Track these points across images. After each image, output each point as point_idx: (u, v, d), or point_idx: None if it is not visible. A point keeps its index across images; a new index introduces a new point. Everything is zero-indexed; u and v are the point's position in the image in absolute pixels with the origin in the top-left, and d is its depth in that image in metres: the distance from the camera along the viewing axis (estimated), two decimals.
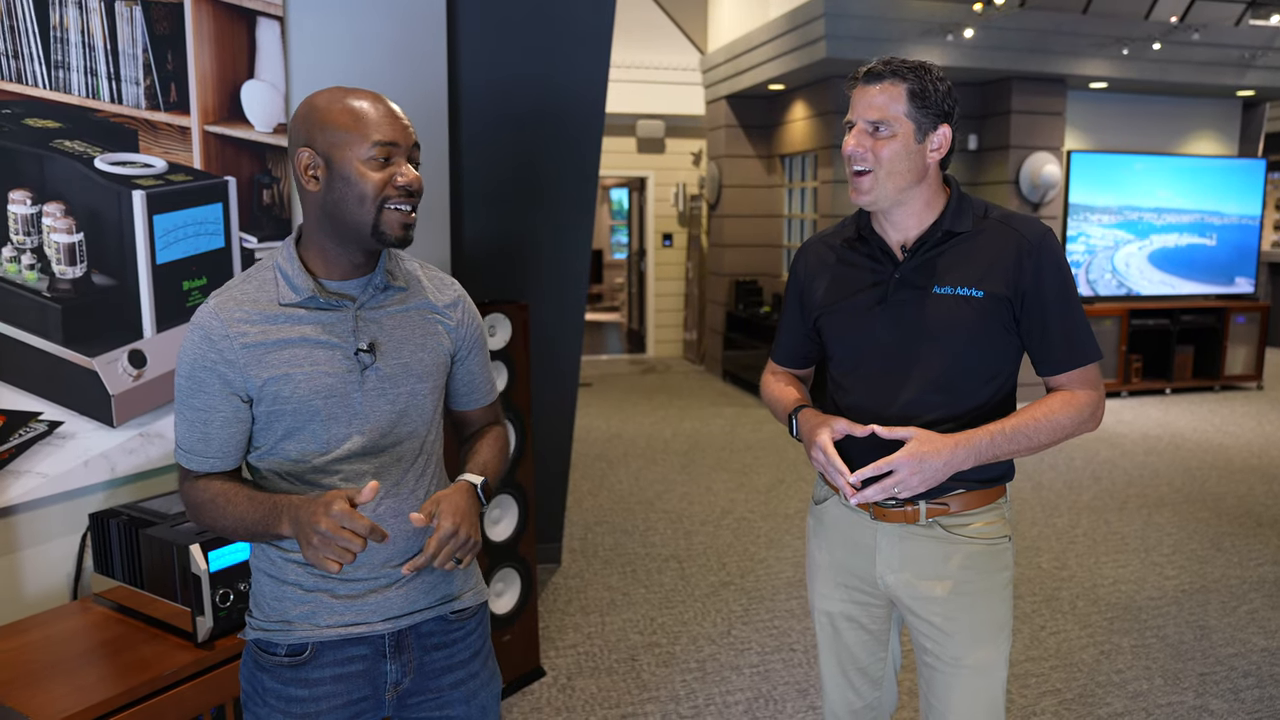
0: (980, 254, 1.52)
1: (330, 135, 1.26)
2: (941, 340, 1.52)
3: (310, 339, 1.29)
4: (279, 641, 1.33)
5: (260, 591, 1.37)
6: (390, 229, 1.28)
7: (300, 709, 1.33)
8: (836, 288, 1.63)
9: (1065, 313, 1.51)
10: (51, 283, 2.09)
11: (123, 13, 2.19)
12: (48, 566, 2.14)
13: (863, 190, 1.52)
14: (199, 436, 1.30)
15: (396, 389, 1.35)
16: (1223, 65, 7.33)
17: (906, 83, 1.48)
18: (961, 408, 1.53)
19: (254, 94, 2.51)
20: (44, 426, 2.10)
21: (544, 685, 2.87)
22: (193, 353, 1.28)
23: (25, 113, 2.02)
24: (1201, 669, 2.98)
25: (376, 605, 1.35)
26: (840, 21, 6.32)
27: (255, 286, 1.31)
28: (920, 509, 1.55)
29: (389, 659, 1.37)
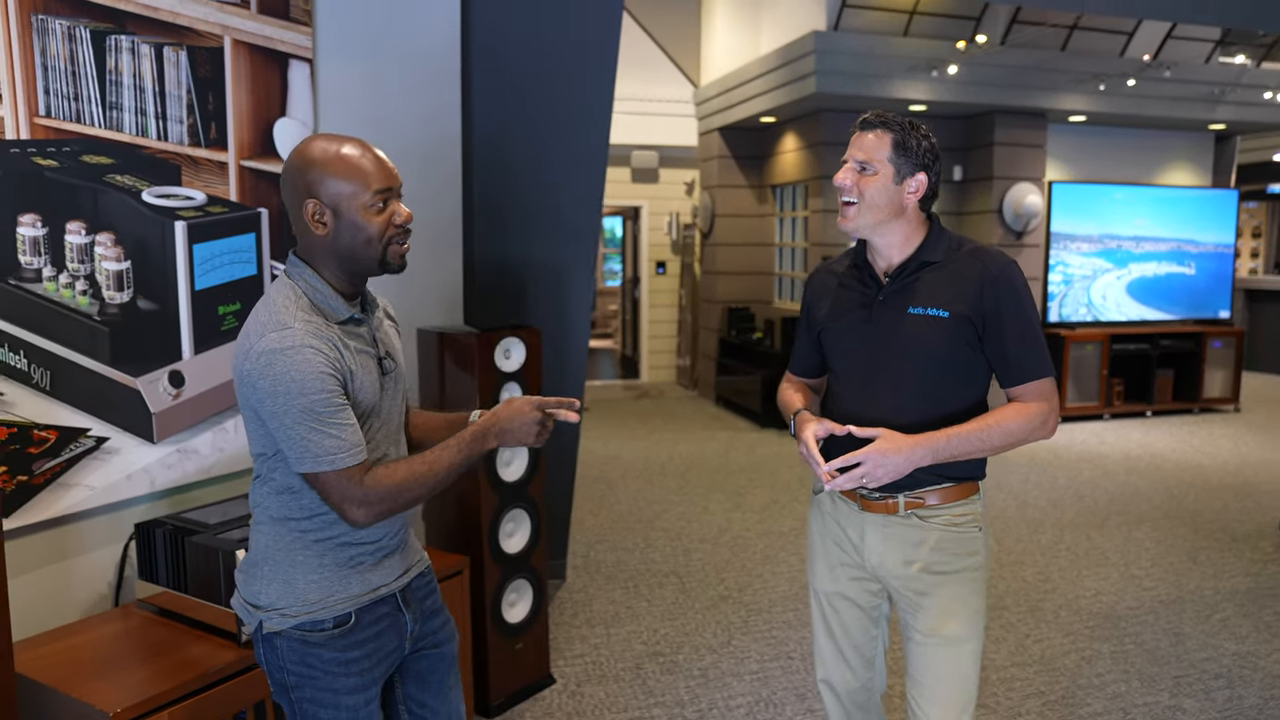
0: (950, 281, 1.76)
1: (334, 187, 1.46)
2: (914, 354, 1.76)
3: (360, 350, 1.53)
4: (324, 617, 1.52)
5: (290, 582, 1.52)
6: (394, 260, 1.53)
7: (358, 667, 1.55)
8: (835, 307, 1.89)
9: (1021, 335, 1.73)
10: (101, 307, 2.24)
11: (170, 57, 2.36)
12: (93, 574, 2.27)
13: (847, 217, 1.79)
14: (353, 429, 1.45)
15: (400, 386, 1.64)
16: (1194, 100, 7.62)
17: (893, 133, 1.75)
18: (933, 414, 1.74)
19: (285, 131, 2.69)
20: (92, 442, 2.25)
21: (554, 692, 3.00)
22: (315, 369, 1.40)
23: (83, 150, 2.19)
24: (1176, 672, 3.14)
25: (389, 568, 1.61)
26: (830, 58, 6.57)
27: (306, 311, 1.46)
28: (899, 501, 1.78)
29: (405, 611, 1.63)
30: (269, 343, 1.40)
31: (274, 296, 1.48)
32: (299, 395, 1.39)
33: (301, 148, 1.49)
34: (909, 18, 6.88)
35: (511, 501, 2.87)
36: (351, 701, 1.54)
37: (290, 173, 1.49)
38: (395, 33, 3.02)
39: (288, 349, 1.39)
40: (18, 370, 2.09)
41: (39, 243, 2.11)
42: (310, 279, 1.50)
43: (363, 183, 1.46)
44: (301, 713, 1.55)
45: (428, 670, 1.71)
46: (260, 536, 1.56)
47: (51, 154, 2.13)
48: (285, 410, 1.40)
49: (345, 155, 1.46)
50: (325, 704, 1.54)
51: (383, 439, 1.58)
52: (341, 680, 1.53)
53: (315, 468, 1.42)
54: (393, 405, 1.61)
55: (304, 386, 1.39)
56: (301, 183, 1.47)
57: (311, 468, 1.43)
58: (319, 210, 1.46)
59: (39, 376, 2.13)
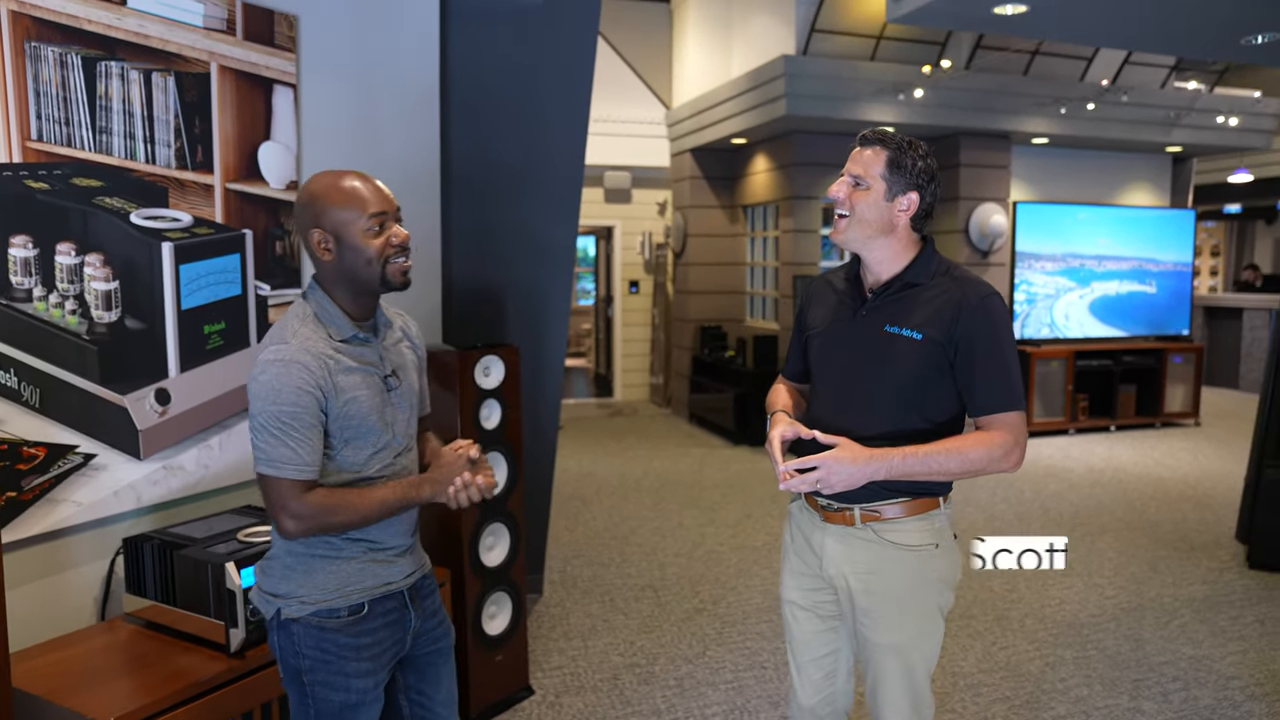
0: (929, 304, 1.79)
1: (334, 215, 1.62)
2: (885, 371, 1.80)
3: (361, 368, 1.66)
4: (340, 605, 1.66)
5: (309, 572, 1.67)
6: (394, 277, 1.66)
7: (369, 653, 1.69)
8: (824, 316, 1.95)
9: (992, 365, 1.75)
10: (90, 326, 2.29)
11: (158, 83, 2.43)
12: (80, 588, 2.31)
13: (838, 229, 1.85)
14: (309, 449, 1.58)
15: (407, 402, 1.76)
16: (1151, 124, 7.88)
17: (888, 151, 1.80)
18: (899, 430, 1.78)
19: (270, 154, 2.75)
20: (80, 458, 2.29)
21: (533, 703, 3.05)
22: (295, 383, 1.55)
23: (73, 173, 2.24)
24: (1136, 676, 3.26)
25: (400, 567, 1.75)
26: (799, 81, 6.73)
27: (311, 330, 1.63)
28: (855, 513, 1.82)
29: (410, 608, 1.76)
30: (268, 354, 1.58)
31: (287, 315, 1.66)
32: (272, 403, 1.55)
33: (307, 184, 1.66)
34: (876, 42, 7.07)
35: (491, 516, 2.93)
36: (360, 685, 1.67)
37: (298, 208, 1.66)
38: (376, 59, 3.09)
39: (278, 361, 1.56)
40: (8, 388, 2.13)
41: (30, 263, 2.15)
42: (321, 300, 1.66)
43: (360, 209, 1.61)
44: (313, 695, 1.65)
45: (426, 663, 1.83)
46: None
47: (43, 177, 2.18)
48: (259, 413, 1.57)
49: (343, 186, 1.63)
50: (336, 686, 1.65)
51: (386, 448, 1.70)
52: (353, 664, 1.66)
53: (264, 470, 1.57)
54: (398, 417, 1.73)
55: (279, 396, 1.55)
56: (308, 215, 1.64)
57: (262, 469, 1.58)
58: (324, 238, 1.63)
59: (29, 394, 2.17)
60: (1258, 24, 4.38)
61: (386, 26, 3.13)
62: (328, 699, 1.65)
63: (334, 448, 1.64)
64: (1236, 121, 8.11)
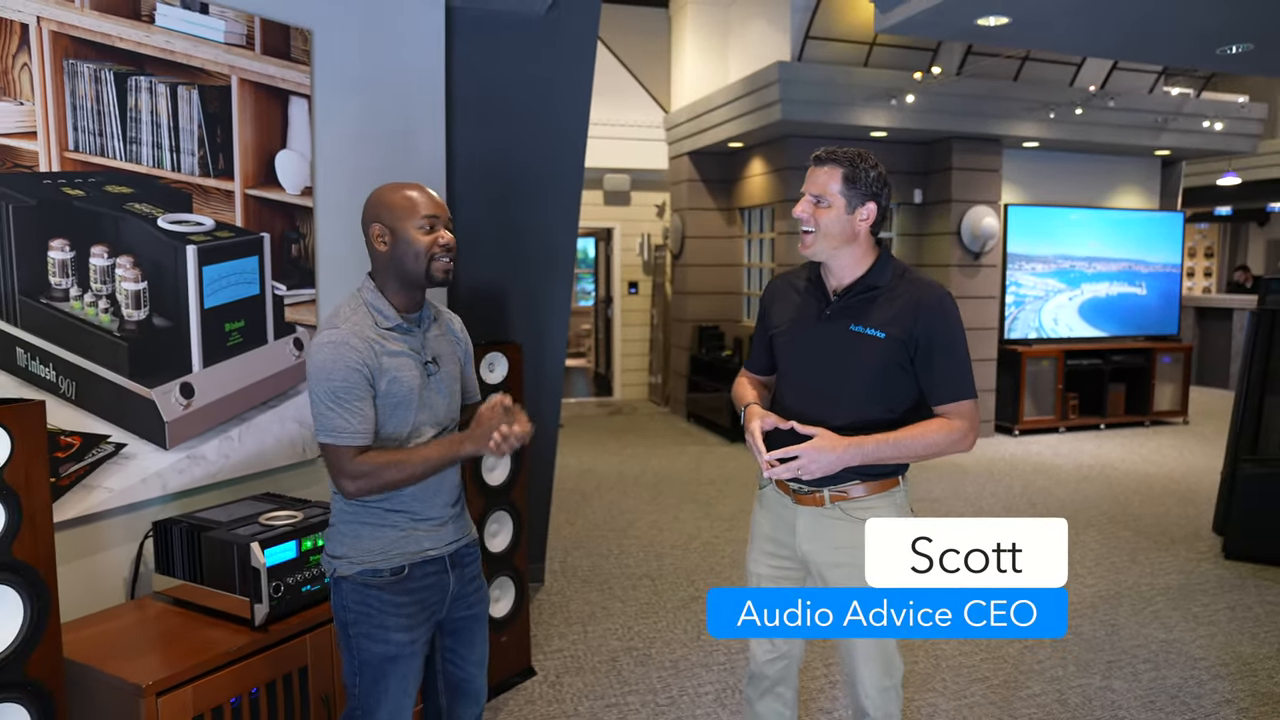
0: (889, 305, 1.98)
1: (393, 213, 1.87)
2: (850, 367, 1.99)
3: (404, 353, 1.87)
4: (383, 567, 1.86)
5: (358, 536, 1.88)
6: (437, 273, 1.88)
7: (406, 611, 1.87)
8: (787, 316, 2.11)
9: (948, 360, 1.96)
10: (121, 324, 2.45)
11: (183, 95, 2.59)
12: (110, 569, 2.46)
13: (806, 245, 2.02)
14: (360, 418, 1.78)
15: (446, 387, 1.96)
16: (1139, 128, 8.04)
17: (842, 168, 1.96)
18: (864, 420, 1.96)
19: (286, 162, 2.91)
20: (111, 447, 2.45)
21: (535, 683, 3.21)
22: (345, 362, 1.77)
23: (105, 181, 2.40)
24: (1109, 658, 3.42)
25: (442, 535, 1.94)
26: (794, 87, 6.89)
27: (361, 318, 1.85)
28: (825, 495, 2.01)
29: (449, 573, 1.95)
30: (322, 338, 1.80)
31: (340, 304, 1.88)
32: (326, 379, 1.77)
33: (374, 192, 1.91)
34: (869, 49, 7.23)
35: (495, 504, 3.09)
36: (399, 639, 1.86)
37: (365, 208, 1.90)
38: (385, 70, 3.25)
39: (330, 343, 1.78)
40: (47, 381, 2.29)
41: (67, 265, 2.31)
42: (373, 292, 1.88)
43: (413, 209, 1.86)
44: (356, 646, 1.85)
45: (461, 626, 2.02)
46: (339, 502, 1.90)
47: (79, 184, 2.34)
48: (315, 389, 1.78)
49: (404, 191, 1.88)
50: (377, 639, 1.85)
51: (425, 422, 1.91)
52: (392, 619, 1.86)
53: (323, 439, 1.79)
54: (437, 400, 1.93)
55: (332, 373, 1.76)
56: (371, 213, 1.89)
57: (321, 439, 1.79)
58: (382, 231, 1.86)
59: (65, 387, 2.33)
60: (1231, 35, 4.54)
61: (395, 39, 3.29)
62: (369, 650, 1.85)
63: (379, 421, 1.83)
64: (1222, 126, 8.27)
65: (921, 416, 2.02)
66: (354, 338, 1.79)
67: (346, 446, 1.77)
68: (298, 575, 2.29)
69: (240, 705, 2.10)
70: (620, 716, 2.98)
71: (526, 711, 3.01)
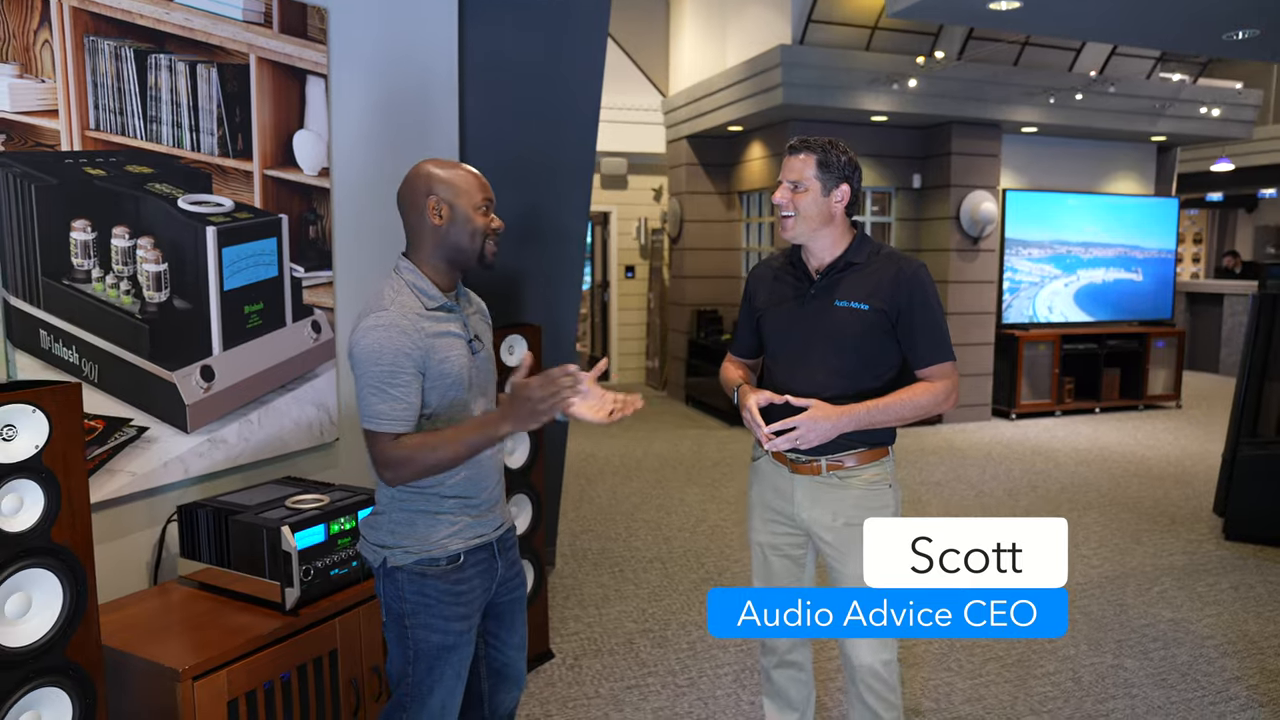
0: (870, 279, 2.11)
1: (453, 189, 1.84)
2: (837, 339, 2.10)
3: (450, 333, 1.84)
4: (439, 555, 1.83)
5: (411, 525, 1.83)
6: (488, 255, 1.89)
7: (464, 599, 1.86)
8: (772, 297, 2.24)
9: (927, 326, 2.09)
10: (142, 306, 2.42)
11: (202, 74, 2.55)
12: (133, 554, 2.45)
13: (787, 228, 2.14)
14: (404, 406, 1.75)
15: (488, 366, 1.96)
16: (1136, 114, 8.06)
17: (815, 154, 2.09)
18: (852, 389, 2.08)
19: (304, 142, 2.88)
20: (134, 431, 2.43)
21: (554, 665, 3.22)
22: (393, 346, 1.73)
23: (127, 160, 2.37)
24: (1119, 637, 3.46)
25: (491, 520, 1.92)
26: (796, 70, 6.87)
27: (407, 297, 1.81)
28: (822, 464, 2.13)
29: (498, 558, 1.94)
30: (369, 321, 1.74)
31: (382, 288, 1.82)
32: (374, 364, 1.72)
33: (420, 165, 1.86)
34: (871, 33, 7.21)
35: (516, 487, 3.09)
36: (456, 628, 1.85)
37: (411, 181, 1.84)
38: (400, 50, 3.22)
39: (378, 326, 1.73)
40: (70, 364, 2.27)
41: (89, 246, 2.28)
42: (413, 273, 1.84)
43: (475, 188, 1.84)
44: (414, 638, 1.82)
45: (504, 610, 2.01)
46: (385, 490, 1.85)
47: (100, 164, 2.31)
48: (362, 373, 1.74)
49: (461, 168, 1.86)
50: (435, 629, 1.82)
51: (477, 408, 1.89)
52: (451, 609, 1.83)
53: (366, 425, 1.75)
54: (483, 378, 1.92)
55: (379, 357, 1.72)
56: (424, 185, 1.83)
57: (364, 423, 1.75)
58: (439, 204, 1.82)
59: (88, 369, 2.31)
60: (1239, 20, 4.55)
61: (409, 19, 3.25)
62: (427, 640, 1.82)
63: (429, 404, 1.80)
64: (1219, 112, 8.31)
65: (905, 384, 2.14)
66: (402, 319, 1.74)
67: (386, 433, 1.74)
68: (327, 559, 2.28)
69: (273, 689, 2.10)
70: (641, 698, 3.00)
71: (547, 694, 3.02)
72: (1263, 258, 13.69)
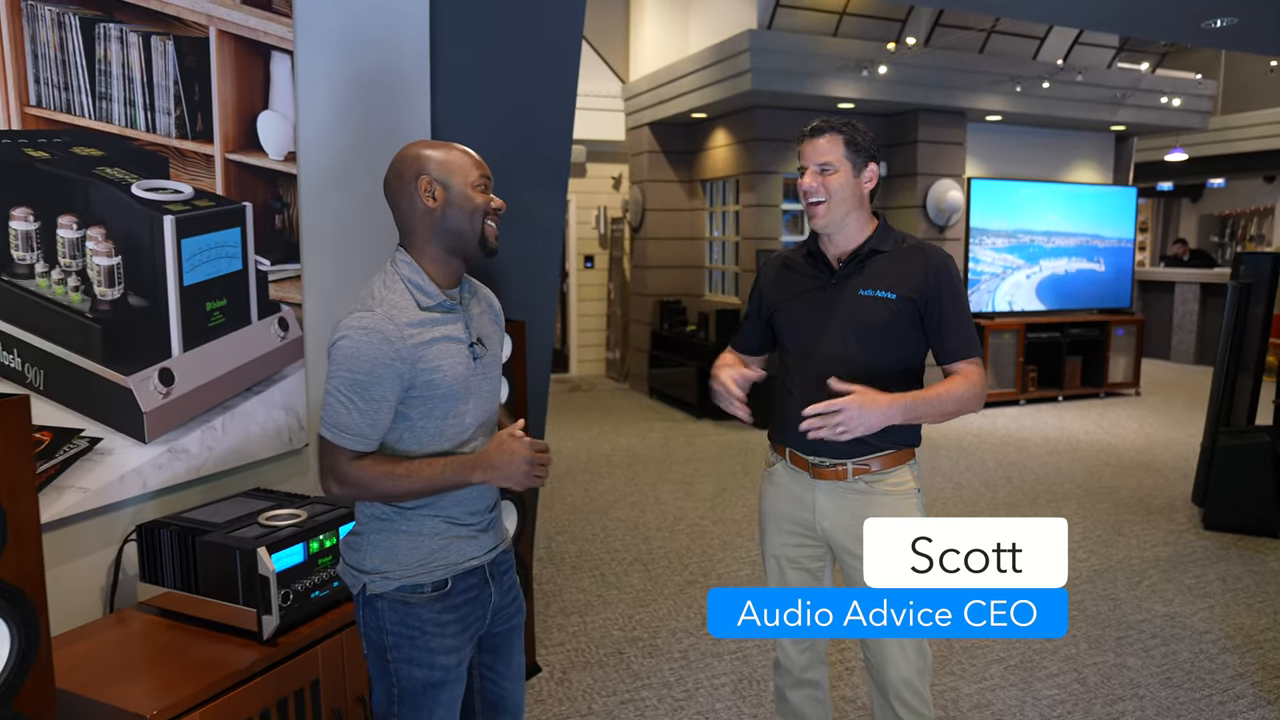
0: (896, 268, 1.99)
1: (445, 168, 1.64)
2: (862, 329, 1.97)
3: (447, 337, 1.63)
4: (425, 581, 1.64)
5: (394, 548, 1.65)
6: (490, 238, 1.67)
7: (452, 629, 1.67)
8: (790, 289, 2.10)
9: (958, 316, 1.98)
10: (93, 304, 2.18)
11: (157, 46, 2.31)
12: (86, 579, 2.21)
13: (819, 215, 1.99)
14: (370, 423, 1.56)
15: (492, 373, 1.75)
16: (1098, 103, 8.11)
17: (842, 134, 1.96)
18: (874, 383, 1.90)
19: (269, 124, 2.64)
20: (85, 443, 2.18)
21: (542, 680, 3.04)
22: (373, 352, 1.53)
23: (73, 141, 2.12)
24: (1117, 634, 3.40)
25: (482, 542, 1.72)
26: (765, 56, 6.73)
27: (399, 295, 1.59)
28: (848, 468, 1.99)
29: (491, 584, 1.74)
30: (352, 320, 1.55)
31: (372, 282, 1.62)
32: (348, 369, 1.54)
33: (407, 147, 1.66)
34: (839, 18, 7.10)
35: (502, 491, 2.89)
36: (444, 662, 1.65)
37: (398, 165, 1.64)
38: (369, 26, 2.99)
39: (361, 328, 1.54)
40: (12, 369, 2.02)
41: (31, 237, 2.04)
42: (409, 267, 1.63)
43: (470, 165, 1.64)
44: (396, 673, 1.63)
45: (500, 640, 1.82)
46: (365, 508, 1.67)
47: (43, 145, 2.06)
48: (334, 375, 1.55)
49: (454, 147, 1.66)
50: (420, 663, 1.63)
51: (473, 421, 1.69)
52: (437, 640, 1.65)
53: (324, 432, 1.57)
54: (487, 388, 1.72)
55: (355, 364, 1.53)
56: (414, 166, 1.62)
57: (322, 432, 1.58)
58: (431, 185, 1.61)
59: (32, 375, 2.06)
60: (1217, 8, 4.53)
61: None
62: (411, 675, 1.63)
63: (412, 419, 1.61)
64: (1180, 102, 8.39)
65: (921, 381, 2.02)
66: (388, 323, 1.54)
67: (345, 448, 1.56)
68: (307, 581, 2.07)
69: None
70: (638, 713, 2.84)
71: (538, 711, 2.84)
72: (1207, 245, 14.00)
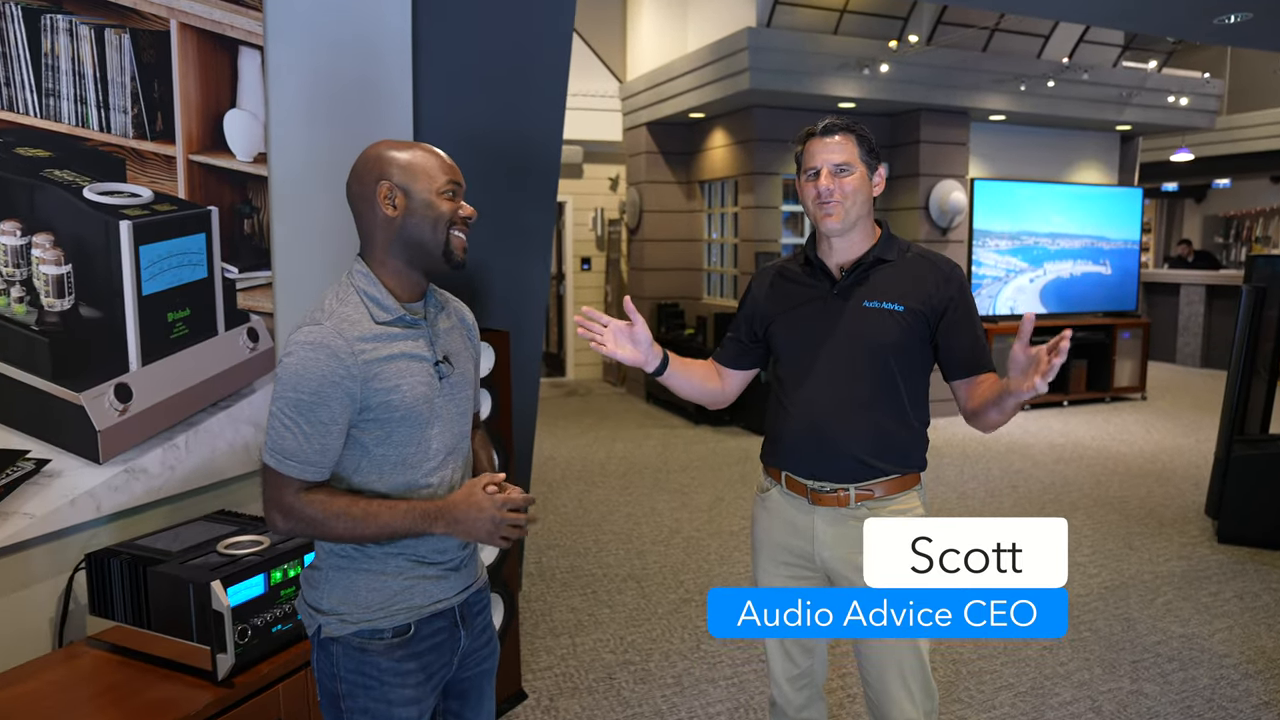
0: (903, 278, 1.89)
1: (408, 172, 1.49)
2: (867, 343, 1.87)
3: (406, 354, 1.49)
4: (384, 626, 1.49)
5: (353, 588, 1.50)
6: (456, 249, 1.51)
7: (413, 679, 1.51)
8: (786, 301, 1.98)
9: (971, 329, 1.88)
10: (40, 316, 2.03)
11: (112, 40, 2.16)
12: (32, 611, 2.06)
13: (835, 217, 1.86)
14: (318, 449, 1.42)
15: (461, 394, 1.59)
16: (1104, 103, 7.95)
17: (856, 135, 1.88)
18: (880, 396, 1.86)
19: (236, 123, 2.49)
20: (31, 465, 2.03)
21: (528, 708, 2.89)
22: (320, 370, 1.40)
23: (16, 141, 1.97)
24: (1132, 657, 3.25)
25: (453, 583, 1.57)
26: (764, 55, 6.58)
27: (352, 309, 1.46)
28: (850, 493, 1.88)
29: (461, 627, 1.59)
30: (299, 335, 1.42)
31: (325, 293, 1.50)
32: (293, 389, 1.41)
33: (371, 147, 1.53)
34: (839, 16, 6.95)
35: None
36: (404, 714, 1.51)
37: (360, 167, 1.51)
38: (346, 18, 2.84)
39: (308, 344, 1.41)
40: None
41: None
42: (365, 278, 1.50)
43: (436, 170, 1.49)
44: None
45: (469, 686, 1.67)
46: (327, 544, 1.52)
47: None
48: (278, 397, 1.42)
49: (420, 148, 1.51)
50: (376, 714, 1.49)
51: (440, 447, 1.54)
52: (396, 691, 1.50)
53: (268, 460, 1.43)
54: (452, 409, 1.56)
55: (300, 383, 1.40)
56: (375, 170, 1.49)
57: (265, 459, 1.44)
58: (391, 191, 1.48)
59: None
60: (1231, 3, 4.38)
61: None
62: None
63: (367, 445, 1.47)
64: (1186, 101, 8.24)
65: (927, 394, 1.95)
66: (338, 338, 1.41)
67: (292, 478, 1.42)
68: (268, 614, 1.93)
69: None
70: None
71: None
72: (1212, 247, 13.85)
